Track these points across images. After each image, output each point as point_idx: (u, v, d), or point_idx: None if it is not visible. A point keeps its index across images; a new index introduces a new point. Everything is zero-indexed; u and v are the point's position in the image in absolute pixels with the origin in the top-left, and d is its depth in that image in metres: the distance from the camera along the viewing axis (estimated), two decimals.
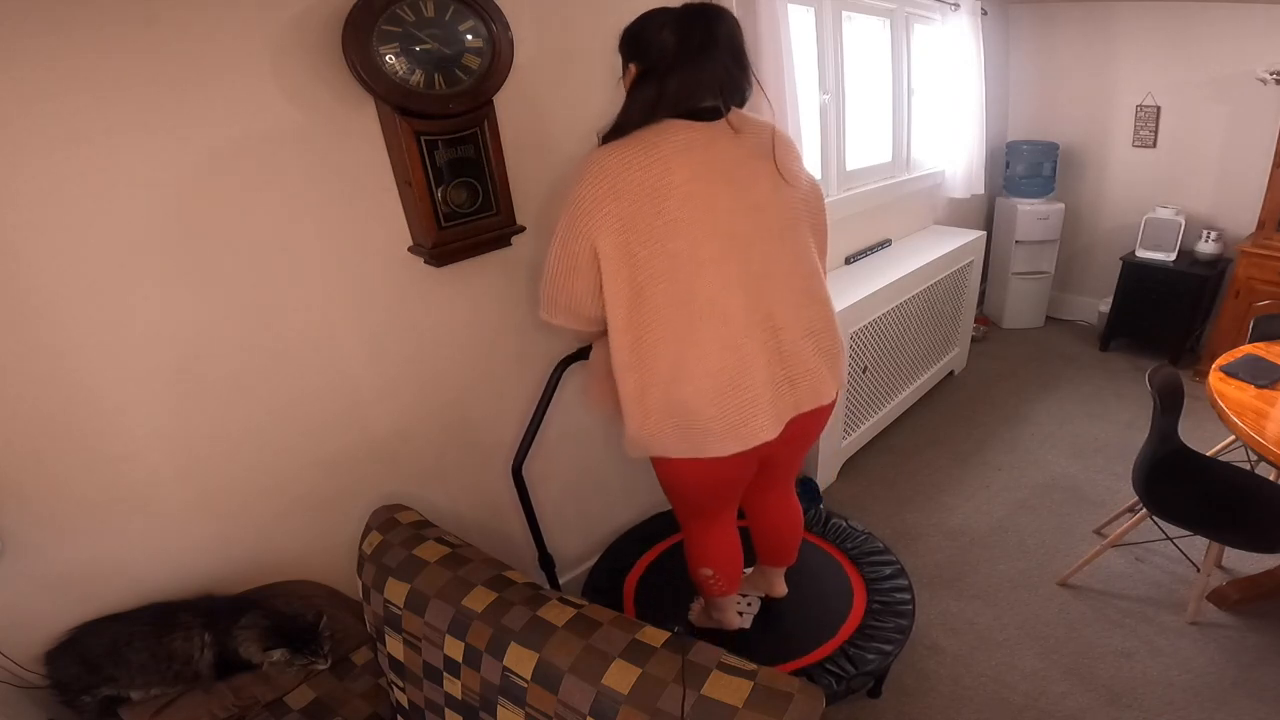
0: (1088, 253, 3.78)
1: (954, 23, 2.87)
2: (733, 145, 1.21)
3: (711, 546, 1.55)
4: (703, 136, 1.18)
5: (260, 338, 1.33)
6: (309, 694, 1.26)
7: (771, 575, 1.78)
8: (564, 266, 1.22)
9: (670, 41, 1.16)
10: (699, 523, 1.52)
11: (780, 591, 1.80)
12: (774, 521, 1.66)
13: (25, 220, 1.04)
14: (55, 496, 1.16)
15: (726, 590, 1.62)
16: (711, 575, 1.58)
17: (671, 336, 1.20)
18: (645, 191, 1.14)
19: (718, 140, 1.19)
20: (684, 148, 1.16)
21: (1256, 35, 2.86)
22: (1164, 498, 1.82)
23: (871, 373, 2.62)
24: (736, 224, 1.20)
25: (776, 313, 1.26)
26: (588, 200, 1.16)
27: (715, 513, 1.50)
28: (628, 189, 1.14)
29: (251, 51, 1.18)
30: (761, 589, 1.84)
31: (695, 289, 1.18)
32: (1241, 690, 1.69)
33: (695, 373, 1.21)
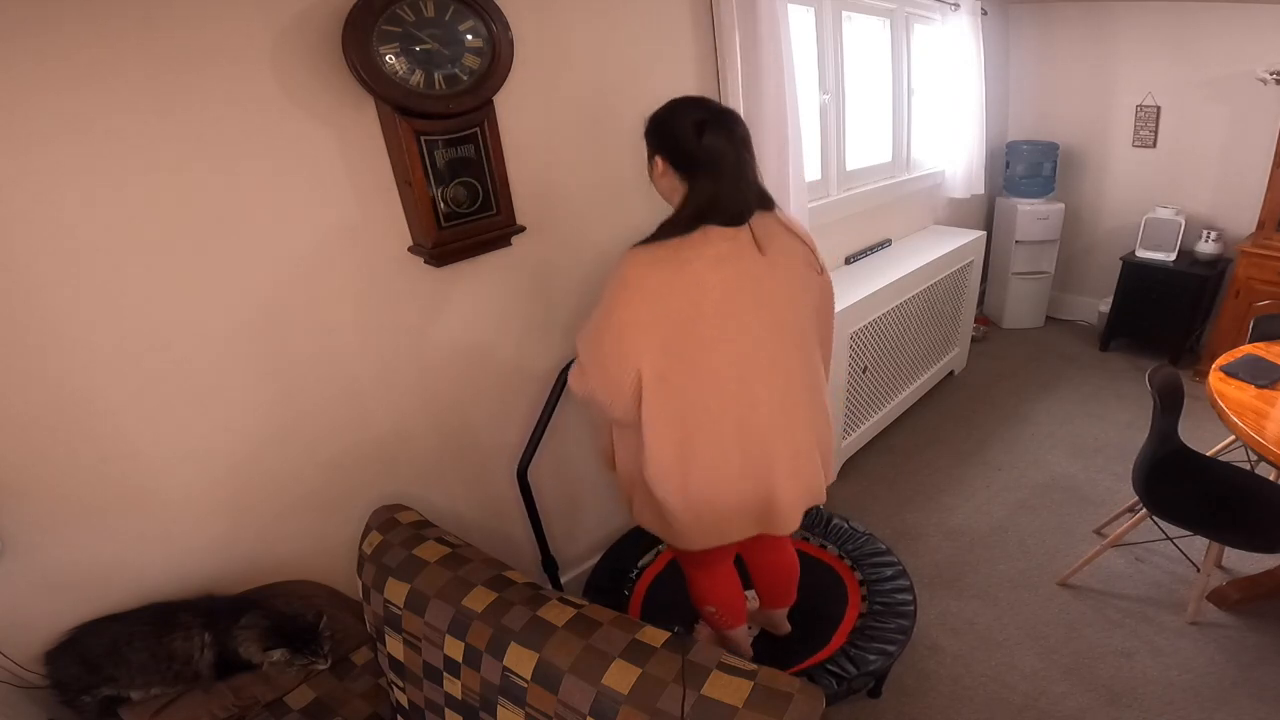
0: (1088, 253, 3.78)
1: (954, 23, 2.87)
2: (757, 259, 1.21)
3: (712, 588, 1.58)
4: (733, 248, 1.18)
5: (259, 337, 1.33)
6: (309, 694, 1.26)
7: (773, 616, 1.79)
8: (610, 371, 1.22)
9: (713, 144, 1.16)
10: (699, 571, 1.56)
11: (783, 630, 1.81)
12: (770, 564, 1.67)
13: (24, 220, 1.04)
14: (55, 497, 1.16)
15: (732, 624, 1.64)
16: (715, 611, 1.61)
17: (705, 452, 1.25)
18: (682, 316, 1.17)
19: (746, 250, 1.20)
20: (716, 263, 1.17)
21: (1256, 35, 2.86)
22: (1164, 498, 1.82)
23: (871, 373, 2.62)
24: (760, 342, 1.24)
25: (793, 430, 1.31)
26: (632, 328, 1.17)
27: (713, 563, 1.53)
28: (668, 313, 1.16)
29: (251, 51, 1.18)
30: (763, 624, 1.84)
31: (723, 407, 1.23)
32: (1241, 690, 1.69)
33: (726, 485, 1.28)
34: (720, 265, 1.17)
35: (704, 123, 1.17)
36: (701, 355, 1.19)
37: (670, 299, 1.16)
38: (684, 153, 1.18)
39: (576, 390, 1.30)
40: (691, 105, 1.22)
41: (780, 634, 1.80)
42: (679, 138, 1.19)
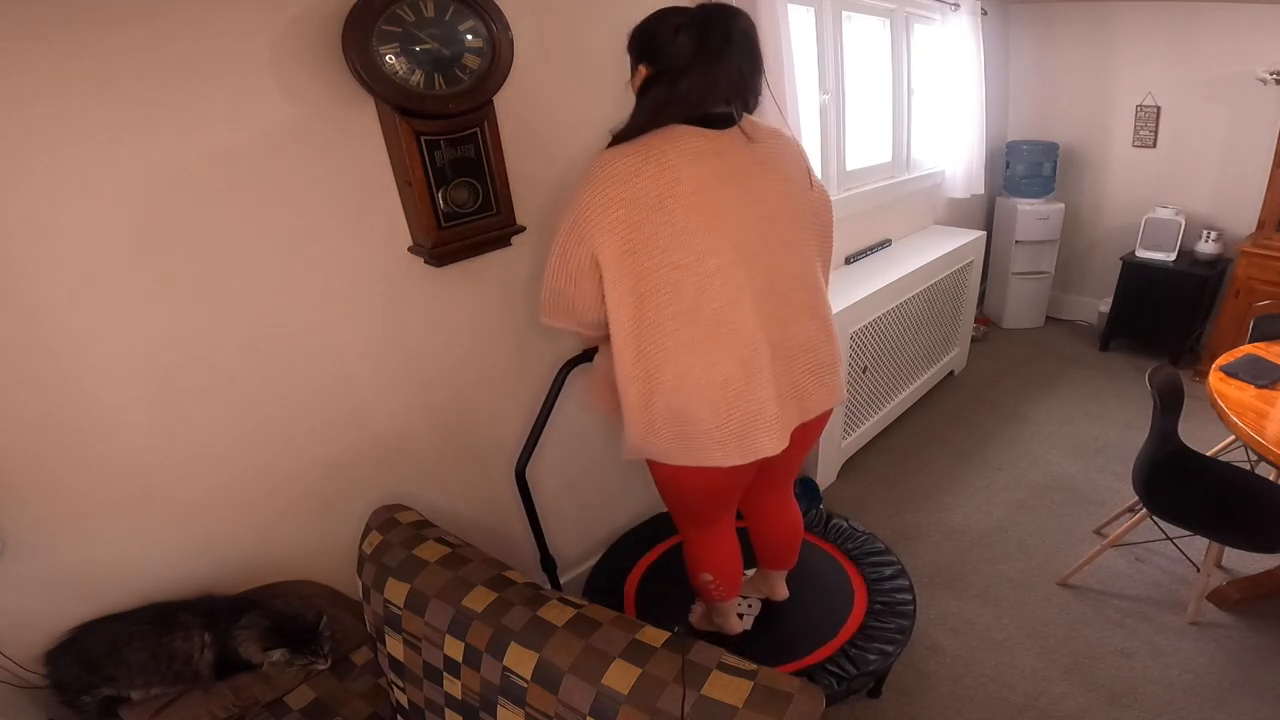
0: (1088, 253, 3.78)
1: (954, 23, 2.87)
2: (744, 154, 1.18)
3: (710, 552, 1.55)
4: (713, 145, 1.15)
5: (260, 338, 1.33)
6: (309, 694, 1.26)
7: (772, 578, 1.78)
8: (565, 272, 1.20)
9: (683, 43, 1.12)
10: (697, 529, 1.52)
11: (781, 595, 1.80)
12: (773, 525, 1.65)
13: (23, 219, 1.04)
14: (55, 496, 1.16)
15: (727, 595, 1.62)
16: (711, 580, 1.58)
17: (676, 346, 1.19)
18: (652, 200, 1.12)
19: (728, 149, 1.17)
20: (693, 156, 1.13)
21: (1256, 35, 2.86)
22: (1164, 498, 1.82)
23: (871, 373, 2.62)
24: (744, 235, 1.18)
25: (781, 326, 1.25)
26: (592, 206, 1.13)
27: (713, 519, 1.49)
28: (634, 196, 1.12)
29: (251, 51, 1.18)
30: (762, 591, 1.84)
31: (701, 300, 1.17)
32: (1241, 690, 1.69)
33: (700, 383, 1.20)
34: (697, 158, 1.13)
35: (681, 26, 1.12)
36: (674, 240, 1.13)
37: (637, 181, 1.10)
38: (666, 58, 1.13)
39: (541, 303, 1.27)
40: (677, 11, 1.16)
41: (778, 599, 1.79)
42: (660, 44, 1.14)
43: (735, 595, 1.66)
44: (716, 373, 1.20)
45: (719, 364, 1.19)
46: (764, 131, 1.23)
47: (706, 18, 1.14)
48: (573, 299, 1.23)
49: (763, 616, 1.83)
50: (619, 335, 1.21)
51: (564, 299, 1.24)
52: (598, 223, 1.13)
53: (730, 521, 1.56)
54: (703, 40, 1.12)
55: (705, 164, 1.14)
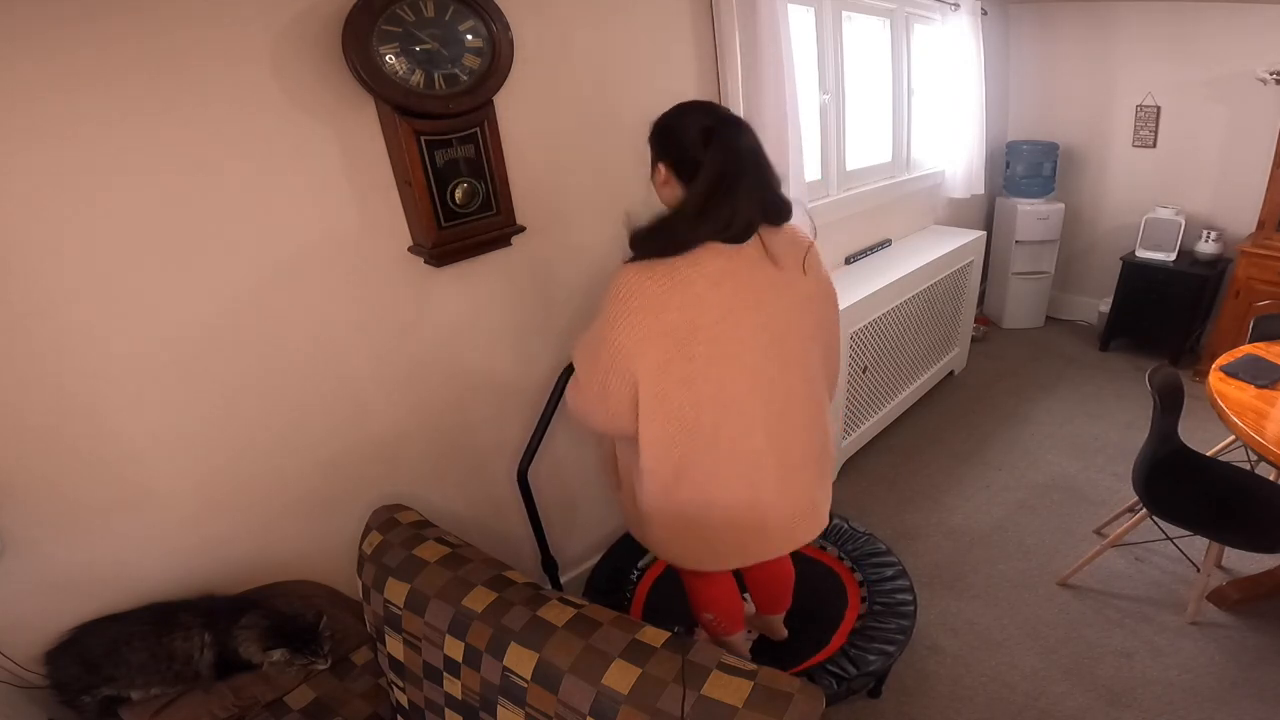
0: (1088, 253, 3.78)
1: (954, 23, 2.87)
2: (761, 273, 1.18)
3: (710, 596, 1.58)
4: (733, 265, 1.15)
5: (259, 337, 1.33)
6: (309, 694, 1.26)
7: (769, 621, 1.79)
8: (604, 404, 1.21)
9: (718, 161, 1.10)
10: (698, 579, 1.56)
11: (780, 635, 1.80)
12: (766, 574, 1.67)
13: (24, 221, 1.04)
14: (55, 497, 1.16)
15: (730, 630, 1.64)
16: (713, 619, 1.61)
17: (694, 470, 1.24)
18: (680, 335, 1.13)
19: (746, 269, 1.16)
20: (715, 281, 1.13)
21: (1256, 35, 2.86)
22: (1164, 498, 1.82)
23: (871, 373, 2.62)
24: (760, 361, 1.21)
25: (790, 451, 1.29)
26: (631, 342, 1.14)
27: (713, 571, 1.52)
28: (665, 331, 1.13)
29: (251, 51, 1.18)
30: (760, 629, 1.84)
31: (719, 431, 1.21)
32: (1241, 690, 1.69)
33: (718, 506, 1.27)
34: (719, 283, 1.14)
35: (711, 130, 1.12)
36: (697, 374, 1.16)
37: (667, 315, 1.12)
38: (688, 161, 1.13)
39: (573, 407, 1.29)
40: (698, 111, 1.17)
41: (777, 639, 1.80)
42: (684, 146, 1.14)
43: (739, 629, 1.67)
44: (730, 497, 1.27)
45: (731, 490, 1.26)
46: (780, 242, 1.22)
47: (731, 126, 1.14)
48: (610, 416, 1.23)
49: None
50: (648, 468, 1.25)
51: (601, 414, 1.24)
52: (637, 355, 1.15)
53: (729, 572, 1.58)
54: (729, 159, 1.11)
55: (726, 288, 1.15)
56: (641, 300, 1.13)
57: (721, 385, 1.19)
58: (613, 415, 1.22)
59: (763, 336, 1.20)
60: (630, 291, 1.13)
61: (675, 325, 1.13)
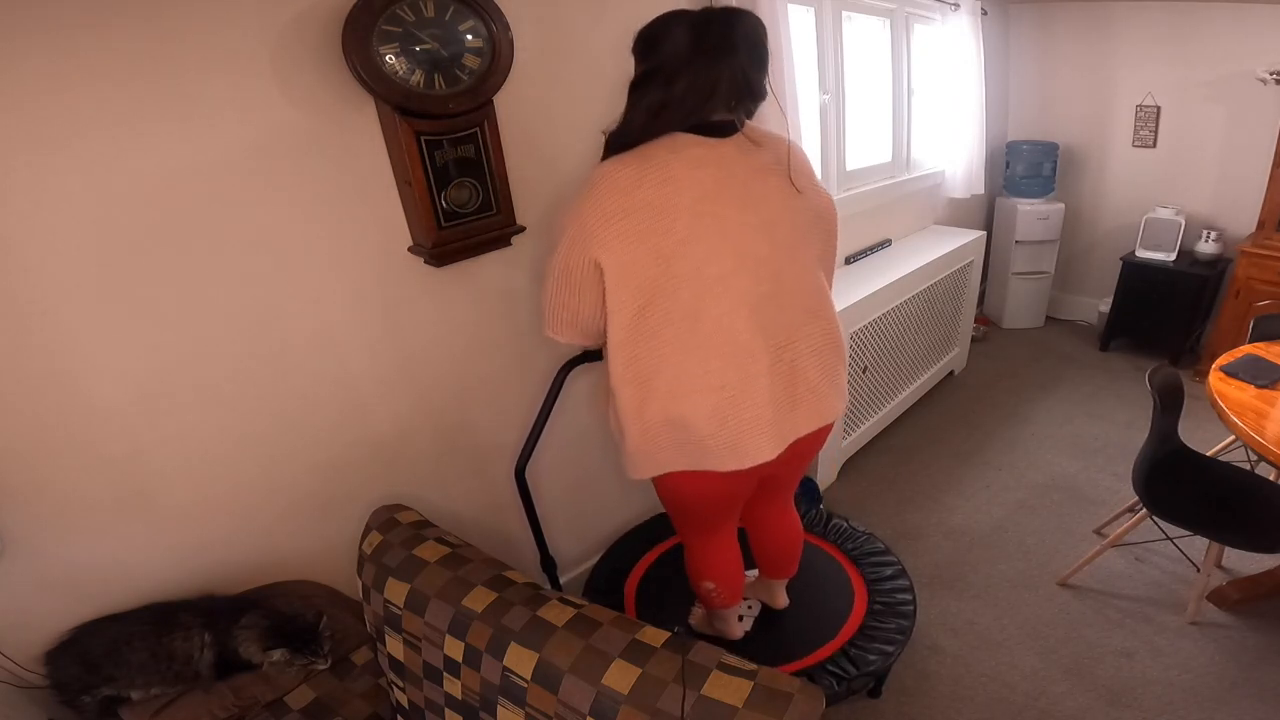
0: (1088, 253, 3.78)
1: (954, 23, 2.87)
2: (745, 161, 1.17)
3: (712, 560, 1.54)
4: (714, 153, 1.14)
5: (259, 337, 1.33)
6: (309, 694, 1.26)
7: (773, 586, 1.78)
8: (568, 283, 1.19)
9: (680, 42, 1.10)
10: (699, 537, 1.52)
11: (781, 603, 1.80)
12: (773, 534, 1.65)
13: (26, 221, 1.04)
14: (55, 497, 1.16)
15: (728, 602, 1.62)
16: (713, 588, 1.58)
17: (673, 352, 1.18)
18: (655, 209, 1.11)
19: (730, 156, 1.16)
20: (695, 164, 1.12)
21: (1256, 35, 2.86)
22: (1164, 498, 1.82)
23: (871, 373, 2.62)
24: (746, 242, 1.17)
25: (782, 332, 1.23)
26: (595, 216, 1.12)
27: (715, 528, 1.49)
28: (637, 206, 1.11)
29: (251, 51, 1.18)
30: (762, 597, 1.84)
31: (701, 307, 1.16)
32: (1241, 690, 1.69)
33: (697, 388, 1.19)
34: (699, 165, 1.12)
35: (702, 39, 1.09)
36: (675, 251, 1.12)
37: (639, 192, 1.09)
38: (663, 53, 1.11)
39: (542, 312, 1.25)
40: (683, 14, 1.14)
41: (777, 607, 1.78)
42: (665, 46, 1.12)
43: (737, 602, 1.66)
44: (713, 379, 1.19)
45: (715, 371, 1.18)
46: (766, 137, 1.22)
47: (708, 18, 1.12)
48: (577, 310, 1.21)
49: (763, 617, 1.83)
50: (615, 341, 1.20)
51: (568, 310, 1.22)
52: (601, 233, 1.12)
53: (732, 530, 1.55)
54: (700, 39, 1.10)
55: (706, 172, 1.13)
56: (611, 183, 1.11)
57: (703, 261, 1.14)
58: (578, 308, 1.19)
59: (751, 217, 1.17)
60: (599, 175, 1.13)
61: (648, 201, 1.10)
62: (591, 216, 1.13)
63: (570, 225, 1.16)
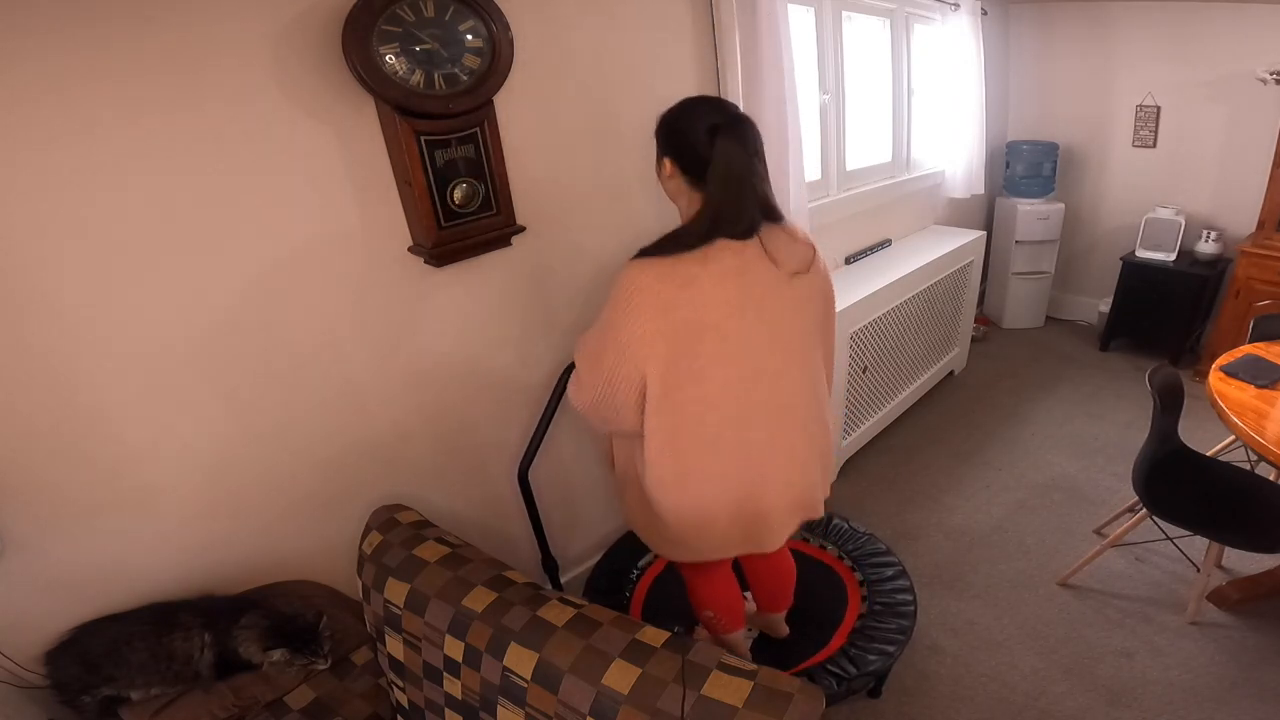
0: (1088, 253, 3.78)
1: (954, 23, 2.87)
2: (764, 271, 1.19)
3: (710, 593, 1.58)
4: (738, 262, 1.15)
5: (259, 337, 1.33)
6: (309, 694, 1.26)
7: (771, 620, 1.79)
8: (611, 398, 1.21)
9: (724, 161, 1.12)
10: (696, 574, 1.55)
11: (781, 633, 1.80)
12: (767, 572, 1.67)
13: (24, 221, 1.04)
14: (55, 497, 1.16)
15: (731, 628, 1.64)
16: (714, 616, 1.61)
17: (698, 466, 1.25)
18: (688, 333, 1.14)
19: (751, 266, 1.17)
20: (721, 279, 1.14)
21: (1256, 35, 2.86)
22: (1164, 498, 1.82)
23: (871, 373, 2.62)
24: (763, 358, 1.22)
25: (792, 446, 1.31)
26: (639, 339, 1.14)
27: (713, 568, 1.53)
28: (673, 329, 1.13)
29: (252, 52, 1.18)
30: (761, 627, 1.84)
31: (723, 424, 1.22)
32: (1241, 690, 1.69)
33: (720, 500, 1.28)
34: (725, 281, 1.14)
35: (718, 128, 1.12)
36: (704, 371, 1.17)
37: (675, 313, 1.13)
38: (694, 158, 1.15)
39: (576, 403, 1.28)
40: (706, 107, 1.18)
41: (778, 637, 1.80)
42: (690, 142, 1.15)
43: (740, 627, 1.67)
44: (733, 494, 1.28)
45: (733, 486, 1.27)
46: (780, 240, 1.22)
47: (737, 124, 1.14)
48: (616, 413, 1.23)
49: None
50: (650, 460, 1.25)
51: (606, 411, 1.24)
52: (645, 353, 1.15)
53: (727, 564, 1.58)
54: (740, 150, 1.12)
55: (731, 286, 1.15)
56: (649, 297, 1.13)
57: (727, 381, 1.20)
58: (618, 411, 1.22)
59: (765, 333, 1.21)
60: (638, 288, 1.13)
61: (684, 322, 1.14)
62: (635, 339, 1.15)
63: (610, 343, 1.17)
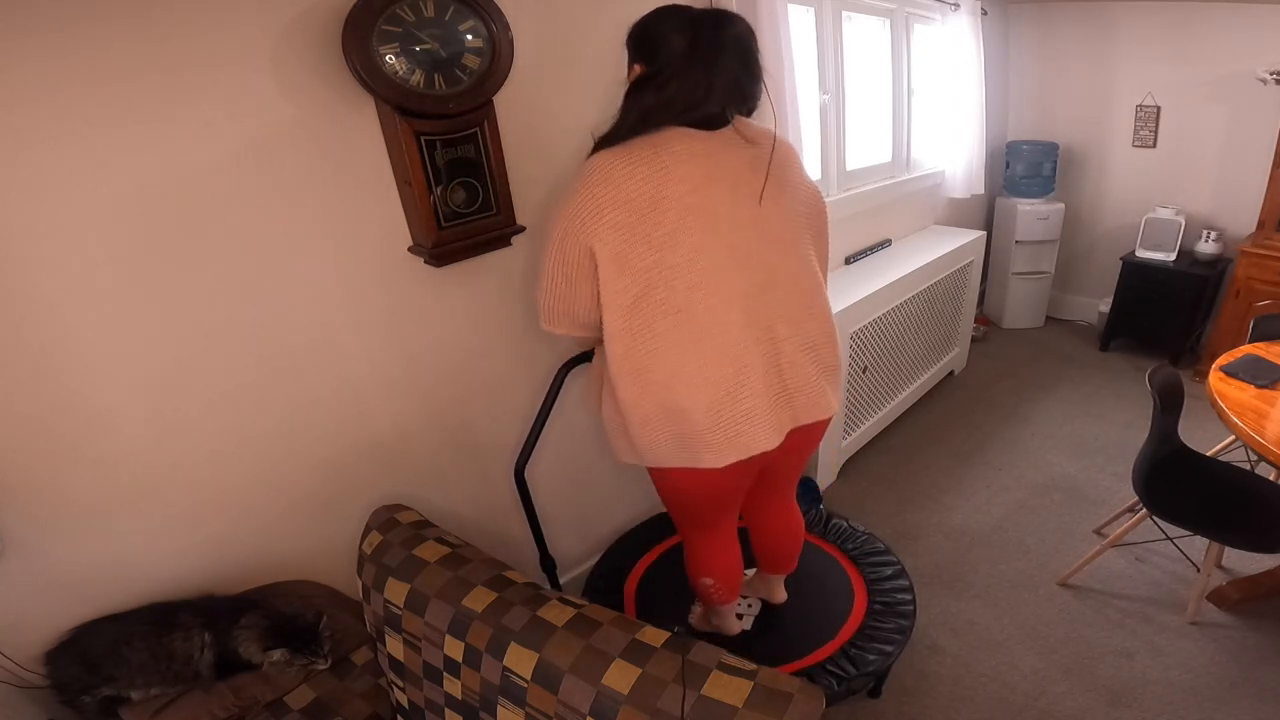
0: (1088, 253, 3.78)
1: (954, 23, 2.87)
2: (736, 154, 1.18)
3: (711, 557, 1.55)
4: (704, 146, 1.15)
5: (259, 337, 1.33)
6: (309, 694, 1.26)
7: (771, 582, 1.78)
8: (562, 274, 1.20)
9: (677, 45, 1.12)
10: (698, 533, 1.52)
11: (780, 598, 1.80)
12: (774, 529, 1.65)
13: (24, 221, 1.04)
14: (55, 497, 1.16)
15: (727, 599, 1.62)
16: (712, 584, 1.58)
17: (669, 346, 1.18)
18: (646, 201, 1.12)
19: (720, 150, 1.17)
20: (686, 157, 1.13)
21: (1256, 35, 2.86)
22: (1164, 498, 1.82)
23: (871, 373, 2.62)
24: (738, 236, 1.18)
25: (776, 325, 1.24)
26: (588, 206, 1.13)
27: (714, 523, 1.49)
28: (628, 198, 1.12)
29: (251, 51, 1.18)
30: (761, 593, 1.84)
31: (694, 300, 1.17)
32: (1241, 690, 1.69)
33: (693, 382, 1.19)
34: (689, 160, 1.13)
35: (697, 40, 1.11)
36: (667, 239, 1.13)
37: (629, 185, 1.10)
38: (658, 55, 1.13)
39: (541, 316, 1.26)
40: (678, 9, 1.16)
41: (775, 602, 1.78)
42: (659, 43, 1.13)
43: (735, 599, 1.66)
44: (709, 372, 1.19)
45: (711, 364, 1.19)
46: (756, 132, 1.23)
47: (700, 20, 1.13)
48: (572, 302, 1.23)
49: (762, 616, 1.83)
50: (611, 333, 1.20)
51: (563, 303, 1.24)
52: (593, 224, 1.13)
53: (732, 526, 1.55)
54: (694, 43, 1.11)
55: (697, 164, 1.14)
56: (602, 174, 1.12)
57: (694, 254, 1.15)
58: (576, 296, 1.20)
59: (742, 213, 1.18)
60: (591, 168, 1.14)
61: (639, 193, 1.11)
62: (584, 207, 1.14)
63: (563, 217, 1.17)
